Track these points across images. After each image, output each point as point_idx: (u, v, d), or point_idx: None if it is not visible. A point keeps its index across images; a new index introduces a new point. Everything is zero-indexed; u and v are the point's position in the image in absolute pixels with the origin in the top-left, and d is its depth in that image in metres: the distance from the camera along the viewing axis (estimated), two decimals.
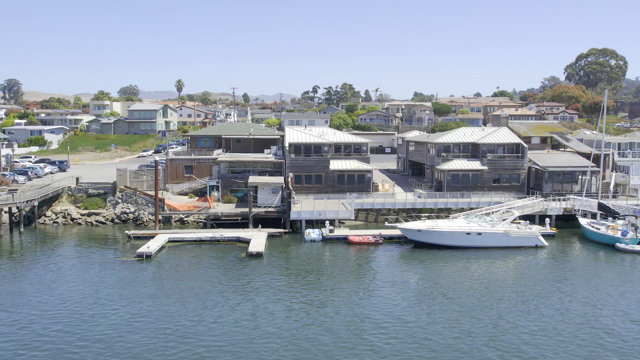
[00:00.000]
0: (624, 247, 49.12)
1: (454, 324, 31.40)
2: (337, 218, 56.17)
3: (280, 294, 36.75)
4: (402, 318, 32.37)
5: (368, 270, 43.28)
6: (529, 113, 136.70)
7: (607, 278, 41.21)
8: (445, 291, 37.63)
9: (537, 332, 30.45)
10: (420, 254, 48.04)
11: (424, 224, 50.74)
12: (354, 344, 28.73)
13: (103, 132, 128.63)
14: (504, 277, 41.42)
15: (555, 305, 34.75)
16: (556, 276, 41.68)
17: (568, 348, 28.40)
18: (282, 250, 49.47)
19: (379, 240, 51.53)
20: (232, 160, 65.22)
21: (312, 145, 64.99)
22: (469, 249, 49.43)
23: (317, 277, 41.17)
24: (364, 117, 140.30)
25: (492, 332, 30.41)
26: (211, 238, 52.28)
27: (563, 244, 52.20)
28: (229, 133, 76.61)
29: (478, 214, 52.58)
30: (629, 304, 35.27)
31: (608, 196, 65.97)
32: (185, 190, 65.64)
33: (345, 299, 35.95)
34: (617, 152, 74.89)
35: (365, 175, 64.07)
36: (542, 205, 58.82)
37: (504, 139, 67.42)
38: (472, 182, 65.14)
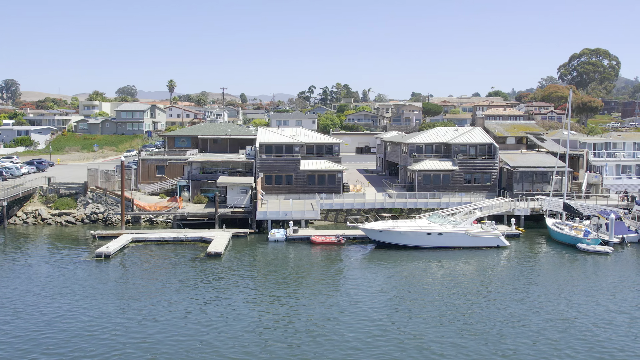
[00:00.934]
0: (585, 248, 49.09)
1: (411, 324, 31.54)
2: (303, 218, 56.25)
3: (230, 293, 36.85)
4: (356, 317, 32.53)
5: (323, 270, 43.32)
6: (517, 113, 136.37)
7: (560, 278, 41.17)
8: (400, 291, 37.67)
9: (485, 332, 30.51)
10: (381, 254, 48.10)
11: (384, 224, 50.80)
12: (293, 343, 28.80)
13: (91, 132, 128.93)
14: (460, 277, 41.37)
15: (497, 305, 34.77)
16: (512, 276, 41.68)
17: (510, 346, 28.45)
18: (243, 250, 49.58)
19: (342, 241, 51.61)
20: (203, 160, 65.32)
21: (283, 145, 65.07)
22: (431, 249, 49.46)
23: (272, 276, 41.27)
24: (352, 117, 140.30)
25: (451, 330, 30.48)
26: (174, 238, 52.43)
27: (526, 245, 52.18)
28: (205, 133, 76.73)
29: (441, 214, 52.58)
30: (569, 304, 35.25)
31: (580, 196, 66.01)
32: (156, 190, 65.83)
33: (297, 298, 36.05)
34: (593, 152, 74.73)
35: (336, 176, 64.13)
36: (509, 206, 58.79)
37: (476, 139, 67.38)
38: (443, 183, 65.13)
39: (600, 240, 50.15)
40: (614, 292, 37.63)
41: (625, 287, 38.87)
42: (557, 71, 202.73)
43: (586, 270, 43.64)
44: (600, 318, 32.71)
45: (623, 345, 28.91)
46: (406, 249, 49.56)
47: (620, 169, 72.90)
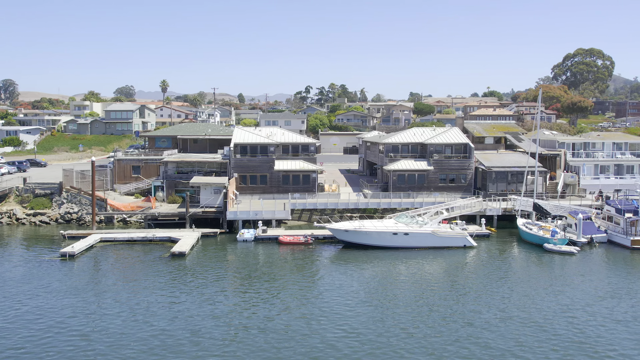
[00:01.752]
0: (551, 248, 49.06)
1: (373, 323, 31.68)
2: (274, 218, 56.35)
3: (184, 292, 36.94)
4: (316, 316, 32.68)
5: (285, 269, 43.38)
6: (507, 113, 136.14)
7: (519, 277, 41.14)
8: (360, 290, 37.72)
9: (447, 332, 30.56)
10: (346, 254, 48.17)
11: (351, 224, 50.85)
12: (239, 341, 28.90)
13: (80, 132, 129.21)
14: (423, 277, 41.33)
15: (456, 305, 34.79)
16: (474, 276, 41.67)
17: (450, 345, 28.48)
18: (210, 250, 49.69)
19: (309, 241, 51.66)
20: (178, 160, 65.44)
21: (258, 145, 65.17)
22: (397, 249, 49.47)
23: (231, 275, 41.40)
24: (341, 117, 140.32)
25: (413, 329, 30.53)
26: (143, 238, 52.56)
27: (494, 245, 52.14)
28: (185, 133, 76.90)
29: (408, 215, 52.59)
30: (526, 303, 35.25)
31: (556, 196, 65.96)
32: (132, 190, 66.00)
33: (253, 297, 36.15)
34: (571, 152, 74.64)
35: (311, 176, 64.18)
36: (481, 206, 58.76)
37: (452, 139, 67.34)
38: (418, 182, 65.11)
39: (567, 240, 50.09)
40: (563, 291, 37.61)
41: (577, 286, 38.83)
42: (552, 71, 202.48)
43: (546, 270, 43.59)
44: (550, 316, 32.71)
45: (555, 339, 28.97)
46: (373, 249, 49.59)
47: (599, 169, 72.83)
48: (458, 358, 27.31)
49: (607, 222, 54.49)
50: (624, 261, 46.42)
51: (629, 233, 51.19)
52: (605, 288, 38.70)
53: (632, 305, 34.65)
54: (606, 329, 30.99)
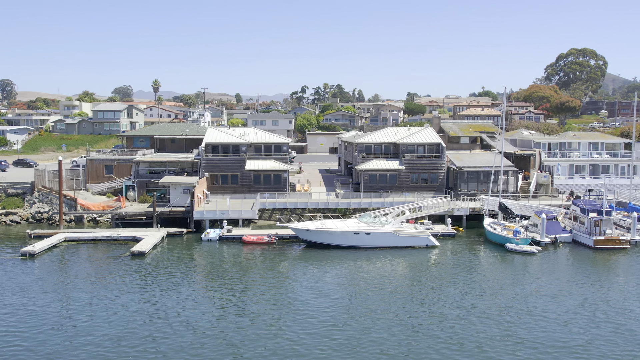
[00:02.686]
0: (512, 247, 49.03)
1: (318, 322, 31.80)
2: (241, 218, 56.43)
3: (132, 291, 37.08)
4: (258, 315, 32.80)
5: (242, 268, 43.47)
6: (495, 113, 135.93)
7: (472, 277, 41.14)
8: (318, 290, 37.80)
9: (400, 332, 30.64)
10: (308, 253, 48.24)
11: (313, 224, 50.92)
12: (185, 339, 29.02)
13: (68, 132, 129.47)
14: (381, 276, 41.33)
15: (408, 304, 34.85)
16: (430, 275, 41.69)
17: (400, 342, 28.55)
18: (173, 249, 49.81)
19: (272, 240, 51.74)
20: (151, 160, 65.59)
21: (229, 145, 65.31)
22: (359, 248, 49.50)
23: (188, 274, 41.50)
24: (329, 117, 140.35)
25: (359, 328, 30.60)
26: (107, 237, 52.74)
27: (458, 244, 52.13)
28: (162, 133, 77.01)
29: (372, 214, 52.62)
30: (476, 302, 35.27)
31: (528, 196, 65.93)
32: (104, 190, 66.19)
33: (206, 296, 36.32)
34: (547, 152, 74.58)
35: (282, 175, 64.26)
36: (449, 205, 58.75)
37: (424, 139, 67.37)
38: (389, 182, 65.14)
39: (529, 240, 50.05)
40: (505, 291, 37.62)
41: (522, 286, 38.82)
42: (545, 71, 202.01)
43: (499, 270, 43.56)
44: (485, 315, 32.74)
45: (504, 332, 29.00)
46: (335, 248, 49.63)
47: (574, 168, 72.73)
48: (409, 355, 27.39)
49: (573, 222, 54.41)
50: (581, 261, 46.35)
51: (592, 233, 51.11)
52: (549, 287, 38.70)
53: (566, 310, 34.23)
54: (536, 328, 30.97)
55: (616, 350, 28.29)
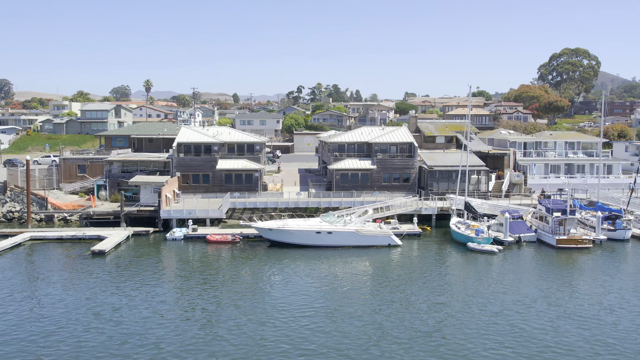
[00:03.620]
0: (473, 247, 49.03)
1: (266, 321, 31.92)
2: (207, 217, 56.54)
3: (83, 290, 37.25)
4: (213, 315, 32.95)
5: (202, 267, 43.62)
6: (483, 113, 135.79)
7: (425, 276, 41.17)
8: (268, 288, 37.92)
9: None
10: (270, 252, 48.37)
11: (275, 223, 51.02)
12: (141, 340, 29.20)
13: (56, 132, 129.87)
14: (337, 276, 41.45)
15: (358, 303, 34.94)
16: (389, 275, 41.74)
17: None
18: (137, 248, 49.96)
19: (236, 240, 51.86)
20: (123, 159, 65.79)
21: (201, 144, 65.47)
22: (321, 247, 49.57)
23: (148, 273, 41.66)
24: (317, 117, 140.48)
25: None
26: (73, 236, 52.93)
27: (422, 244, 52.14)
28: (140, 133, 77.23)
29: (335, 213, 52.65)
30: (418, 299, 35.32)
31: (500, 196, 65.96)
32: (77, 189, 66.41)
33: (162, 295, 36.49)
34: (523, 151, 74.58)
35: (253, 175, 64.37)
36: (417, 205, 58.79)
37: (397, 138, 67.41)
38: (361, 182, 65.18)
39: (491, 239, 50.03)
40: (449, 289, 37.66)
41: (469, 285, 38.86)
42: (538, 71, 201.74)
43: (453, 269, 43.58)
44: (420, 313, 32.79)
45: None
46: (297, 247, 49.72)
47: (549, 168, 72.70)
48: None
49: (539, 222, 54.39)
50: (538, 260, 46.28)
51: (555, 232, 51.08)
52: (497, 285, 38.79)
53: (495, 313, 34.20)
54: (460, 328, 31.05)
55: (540, 346, 28.32)
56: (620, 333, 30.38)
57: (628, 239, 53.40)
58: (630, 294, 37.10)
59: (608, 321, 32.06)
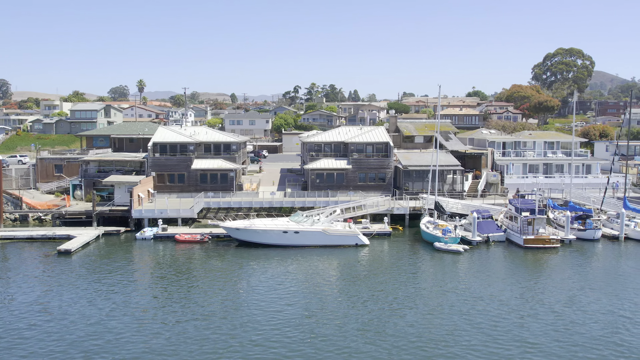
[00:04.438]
0: (439, 246, 49.05)
1: (234, 320, 32.06)
2: (179, 217, 56.66)
3: (43, 289, 37.41)
4: (169, 315, 33.04)
5: (166, 267, 43.76)
6: (473, 113, 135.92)
7: (384, 276, 41.22)
8: (232, 290, 38.04)
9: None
10: (238, 251, 48.48)
11: (242, 222, 51.14)
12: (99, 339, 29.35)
13: (45, 132, 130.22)
14: (297, 274, 41.56)
15: (303, 302, 35.03)
16: (351, 274, 41.82)
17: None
18: (105, 248, 50.12)
19: (205, 239, 51.98)
20: (99, 159, 65.98)
21: (177, 144, 65.64)
22: (288, 247, 49.65)
23: (111, 272, 41.82)
24: (307, 117, 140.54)
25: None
26: (43, 236, 53.13)
27: (391, 244, 52.16)
28: (121, 133, 77.44)
29: (304, 213, 52.68)
30: (376, 296, 35.38)
31: (476, 195, 65.97)
32: (54, 189, 66.62)
33: (120, 294, 36.67)
34: (502, 151, 74.55)
35: (229, 174, 64.49)
36: (389, 204, 58.82)
37: (373, 138, 67.46)
38: (337, 181, 65.24)
39: (458, 239, 50.03)
40: (402, 288, 37.73)
41: (423, 285, 38.92)
42: (532, 71, 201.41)
43: (420, 268, 43.62)
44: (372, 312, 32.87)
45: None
46: (265, 247, 49.81)
47: (527, 167, 72.65)
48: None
49: (509, 221, 54.37)
50: (501, 260, 46.25)
51: (523, 232, 51.04)
52: (446, 285, 38.84)
53: (432, 311, 34.23)
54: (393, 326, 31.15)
55: (479, 346, 28.35)
56: (559, 333, 30.39)
57: (598, 238, 53.35)
58: (580, 294, 37.15)
59: (548, 320, 32.08)
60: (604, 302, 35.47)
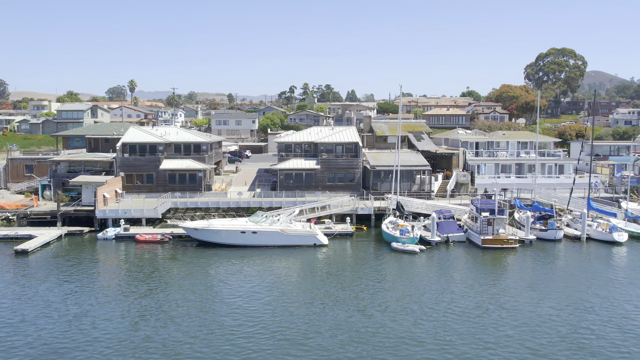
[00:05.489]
0: (396, 247, 49.10)
1: (189, 319, 32.32)
2: (143, 217, 56.81)
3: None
4: (119, 314, 33.25)
5: (121, 266, 43.94)
6: (460, 113, 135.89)
7: (329, 276, 41.31)
8: (181, 288, 38.22)
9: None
10: (197, 252, 48.60)
11: (200, 223, 51.29)
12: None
13: (32, 132, 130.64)
14: (248, 274, 41.70)
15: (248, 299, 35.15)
16: (302, 274, 41.95)
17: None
18: (65, 248, 50.30)
19: (165, 239, 52.14)
20: (70, 159, 66.21)
21: (146, 144, 65.83)
22: (247, 247, 49.77)
23: (66, 271, 42.06)
24: (294, 117, 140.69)
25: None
26: (5, 236, 53.36)
27: (351, 243, 52.22)
28: (96, 133, 77.60)
29: (264, 213, 52.78)
30: (315, 296, 35.48)
31: (445, 195, 65.98)
32: (24, 189, 66.87)
33: (72, 293, 36.88)
34: (474, 151, 74.53)
35: (197, 175, 64.65)
36: (353, 204, 58.88)
37: (343, 138, 67.53)
38: (306, 182, 65.33)
39: (416, 239, 50.05)
40: (345, 289, 37.82)
41: (364, 286, 39.01)
42: (524, 71, 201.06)
43: (371, 267, 43.64)
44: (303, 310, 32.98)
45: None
46: (224, 247, 49.94)
47: (499, 168, 72.60)
48: None
49: (471, 221, 54.37)
50: (455, 261, 46.20)
51: (483, 232, 51.04)
52: (387, 284, 38.94)
53: (384, 304, 34.48)
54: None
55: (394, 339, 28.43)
56: (489, 335, 30.43)
57: (560, 239, 53.33)
58: (521, 293, 37.21)
59: (485, 322, 32.09)
60: (532, 301, 35.48)
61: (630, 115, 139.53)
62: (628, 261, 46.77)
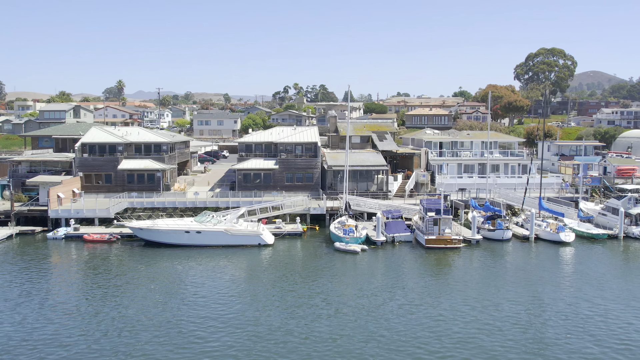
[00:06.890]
0: (338, 247, 49.21)
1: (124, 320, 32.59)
2: (95, 217, 57.11)
3: None
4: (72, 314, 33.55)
5: (65, 265, 44.26)
6: (442, 113, 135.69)
7: (280, 274, 41.49)
8: (120, 288, 38.48)
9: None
10: (142, 251, 48.86)
11: (145, 222, 51.56)
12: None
13: (15, 132, 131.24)
14: (195, 275, 41.95)
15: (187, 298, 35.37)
16: (243, 274, 42.16)
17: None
18: (13, 247, 50.65)
19: (112, 239, 52.41)
20: (31, 159, 66.60)
21: (106, 144, 66.16)
22: (192, 247, 50.00)
23: (8, 271, 42.40)
24: (276, 117, 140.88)
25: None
26: None
27: (298, 243, 52.35)
28: (64, 133, 77.99)
29: (209, 213, 52.98)
30: (255, 295, 35.66)
31: (403, 195, 66.05)
32: None
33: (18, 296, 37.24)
34: (438, 151, 74.54)
35: (155, 175, 64.94)
36: (306, 204, 59.01)
37: (302, 138, 67.70)
38: (264, 182, 65.52)
39: (361, 239, 50.15)
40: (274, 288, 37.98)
41: (291, 286, 39.17)
42: (514, 71, 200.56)
43: (310, 268, 43.77)
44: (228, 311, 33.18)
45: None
46: (170, 247, 50.18)
47: (462, 168, 72.58)
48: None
49: (419, 221, 54.43)
50: (394, 261, 46.27)
51: (428, 232, 51.08)
52: (311, 284, 39.02)
53: (286, 309, 34.55)
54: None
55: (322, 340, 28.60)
56: (401, 334, 30.58)
57: (508, 239, 53.33)
58: (445, 294, 37.28)
59: (397, 322, 32.23)
60: (456, 302, 35.57)
61: (614, 115, 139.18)
62: (568, 261, 46.77)
